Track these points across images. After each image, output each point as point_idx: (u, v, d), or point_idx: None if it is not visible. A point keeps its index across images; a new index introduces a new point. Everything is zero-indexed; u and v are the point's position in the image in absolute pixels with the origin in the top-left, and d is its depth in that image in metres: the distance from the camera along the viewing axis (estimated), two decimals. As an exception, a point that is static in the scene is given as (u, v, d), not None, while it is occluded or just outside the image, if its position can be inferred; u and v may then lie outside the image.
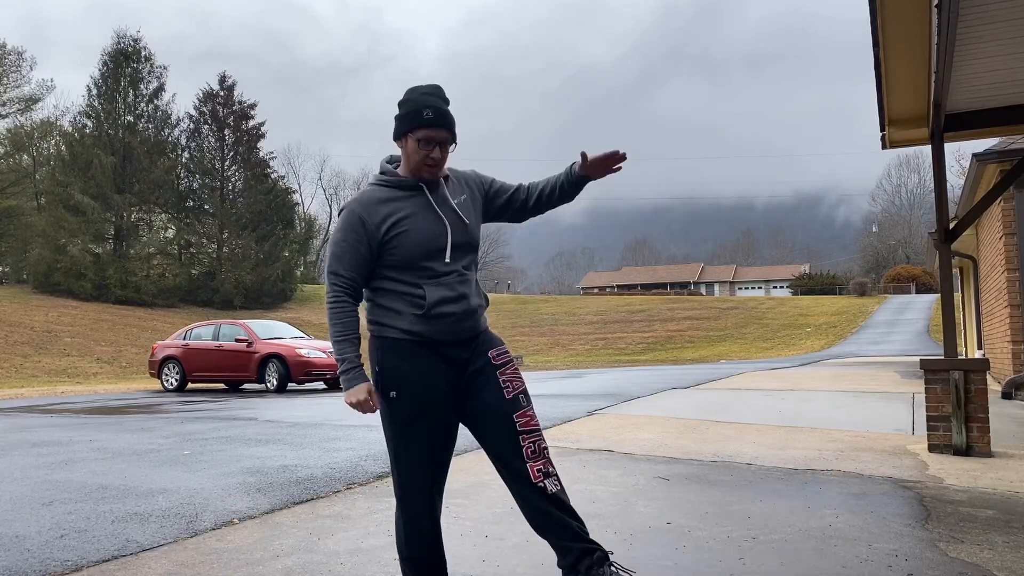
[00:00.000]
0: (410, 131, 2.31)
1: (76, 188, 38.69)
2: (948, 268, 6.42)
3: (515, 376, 2.39)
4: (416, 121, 2.29)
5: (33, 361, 23.77)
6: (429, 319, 2.29)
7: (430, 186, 2.37)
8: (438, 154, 2.32)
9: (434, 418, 2.31)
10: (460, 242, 2.36)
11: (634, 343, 39.75)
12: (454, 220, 2.36)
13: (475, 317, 2.38)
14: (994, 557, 3.08)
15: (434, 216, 2.33)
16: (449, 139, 2.34)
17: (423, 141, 2.30)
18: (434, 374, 2.31)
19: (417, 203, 2.34)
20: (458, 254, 2.35)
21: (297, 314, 40.99)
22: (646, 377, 14.99)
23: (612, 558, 2.32)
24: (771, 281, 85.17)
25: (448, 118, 2.33)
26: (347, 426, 7.74)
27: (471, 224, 2.41)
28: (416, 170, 2.34)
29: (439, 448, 2.34)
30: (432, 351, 2.32)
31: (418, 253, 2.29)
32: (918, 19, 4.49)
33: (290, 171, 76.28)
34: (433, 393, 2.30)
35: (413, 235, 2.29)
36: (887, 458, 5.41)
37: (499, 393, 2.33)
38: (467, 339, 2.38)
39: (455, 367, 2.36)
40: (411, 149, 2.33)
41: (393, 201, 2.33)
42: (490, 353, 2.39)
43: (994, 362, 11.80)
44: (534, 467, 2.28)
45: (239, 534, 3.62)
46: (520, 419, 2.32)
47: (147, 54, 43.74)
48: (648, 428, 7.11)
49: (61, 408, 11.13)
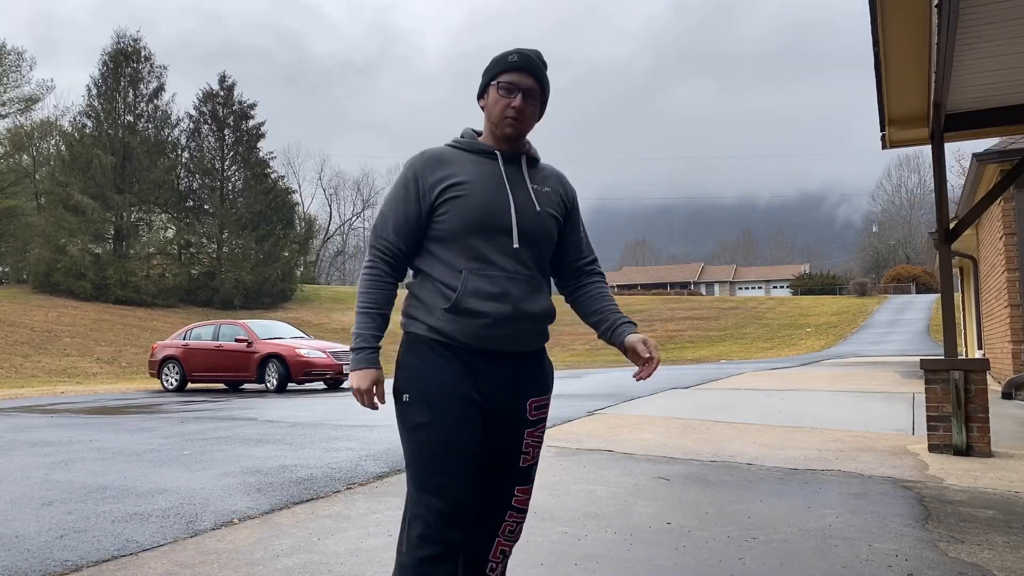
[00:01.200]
0: (492, 79, 1.98)
1: (76, 188, 38.66)
2: (948, 268, 6.42)
3: (539, 440, 2.05)
4: (500, 65, 1.97)
5: (33, 361, 23.77)
6: (457, 314, 1.89)
7: (507, 157, 1.99)
8: (520, 103, 1.94)
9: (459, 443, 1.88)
10: (526, 229, 1.94)
11: (634, 343, 39.70)
12: (524, 202, 1.96)
13: (520, 327, 1.93)
14: (994, 557, 3.08)
15: (500, 189, 1.94)
16: (536, 90, 1.97)
17: (505, 88, 1.95)
18: (457, 386, 1.89)
19: (485, 170, 1.96)
20: (525, 240, 1.94)
21: (297, 314, 40.98)
22: (646, 377, 14.96)
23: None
24: (771, 281, 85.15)
25: (540, 66, 1.99)
26: (347, 426, 7.73)
27: (543, 215, 1.98)
28: (496, 124, 1.98)
29: (466, 485, 1.89)
30: (459, 357, 1.91)
31: (469, 226, 1.90)
32: (918, 19, 4.49)
33: (290, 171, 76.22)
34: (458, 410, 1.88)
35: (467, 202, 1.90)
36: (887, 458, 5.41)
37: (515, 457, 2.00)
38: (505, 354, 1.94)
39: (487, 383, 1.92)
40: (491, 100, 1.98)
41: (458, 163, 1.96)
42: (530, 403, 1.99)
43: (994, 362, 11.80)
44: (500, 545, 2.03)
45: (239, 534, 3.62)
46: (520, 494, 2.03)
47: (147, 54, 43.72)
48: (648, 428, 7.11)
49: (61, 408, 11.13)
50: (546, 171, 2.09)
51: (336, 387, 15.16)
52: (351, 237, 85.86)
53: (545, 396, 2.04)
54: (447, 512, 1.84)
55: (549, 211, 2.00)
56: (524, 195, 1.97)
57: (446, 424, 1.87)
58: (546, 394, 2.05)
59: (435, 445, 1.87)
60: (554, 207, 2.02)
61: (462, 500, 1.86)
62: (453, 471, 1.86)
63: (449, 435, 1.87)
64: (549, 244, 2.02)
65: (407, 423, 1.92)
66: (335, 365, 14.63)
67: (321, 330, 35.81)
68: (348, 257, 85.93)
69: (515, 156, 2.01)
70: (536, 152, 2.08)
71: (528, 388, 1.99)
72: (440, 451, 1.86)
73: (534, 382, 2.00)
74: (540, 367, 2.04)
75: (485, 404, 1.92)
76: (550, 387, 2.07)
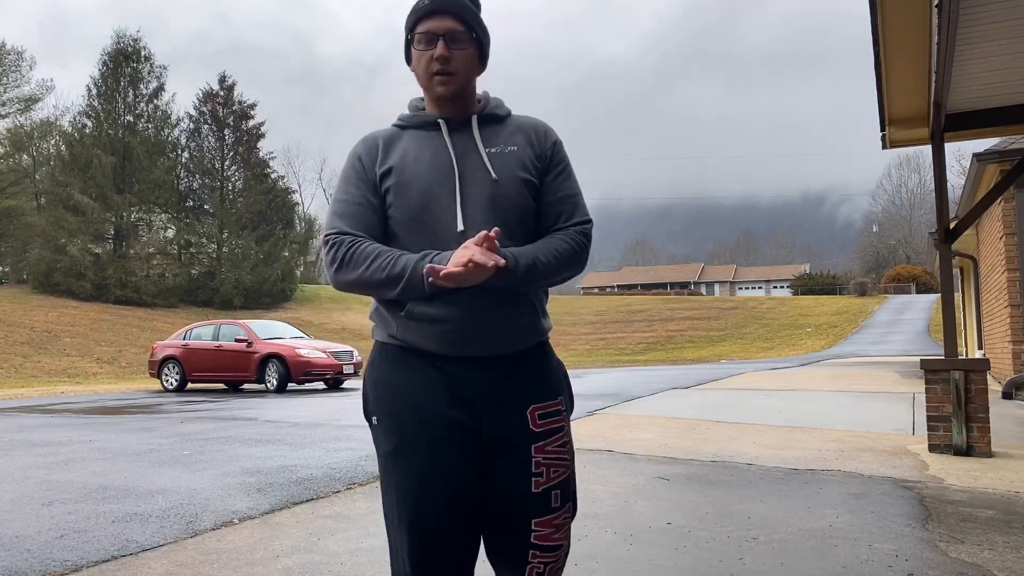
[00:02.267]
0: (410, 34, 1.65)
1: (76, 188, 38.67)
2: (948, 268, 6.42)
3: (557, 456, 1.61)
4: (413, 15, 1.64)
5: (33, 361, 23.77)
6: (414, 321, 1.57)
7: (453, 124, 1.66)
8: (443, 50, 1.59)
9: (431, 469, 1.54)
10: (477, 201, 1.58)
11: (634, 343, 39.75)
12: (474, 170, 1.61)
13: (495, 325, 1.57)
14: (994, 557, 3.08)
15: (443, 160, 1.61)
16: (459, 31, 1.60)
17: (423, 39, 1.62)
18: (431, 405, 1.56)
19: (428, 145, 1.64)
20: (477, 217, 1.57)
21: (297, 314, 40.98)
22: (646, 377, 14.99)
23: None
24: (771, 281, 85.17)
25: (452, 2, 1.61)
26: (347, 426, 7.74)
27: (504, 181, 1.61)
28: (427, 86, 1.65)
29: (441, 517, 1.53)
30: (431, 365, 1.58)
31: (414, 210, 1.59)
32: (918, 19, 4.50)
33: (290, 171, 76.18)
34: (427, 431, 1.55)
35: (407, 188, 1.60)
36: (887, 458, 5.41)
37: (523, 480, 1.57)
38: (487, 358, 1.58)
39: (469, 394, 1.57)
40: (415, 60, 1.65)
41: (397, 141, 1.66)
42: (531, 411, 1.59)
43: (994, 362, 11.80)
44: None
45: (239, 534, 3.62)
46: (540, 527, 1.58)
47: (147, 54, 43.73)
48: (648, 428, 7.11)
49: (61, 408, 11.13)
50: (512, 125, 1.70)
51: (336, 387, 15.16)
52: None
53: (551, 401, 1.63)
54: (416, 554, 1.53)
55: (513, 174, 1.62)
56: (475, 163, 1.61)
57: (418, 451, 1.54)
58: (553, 399, 1.64)
59: (405, 475, 1.54)
60: (522, 167, 1.63)
61: (435, 541, 1.53)
62: (424, 506, 1.52)
63: (422, 463, 1.53)
64: (520, 214, 1.62)
65: (378, 448, 1.63)
66: (335, 365, 14.63)
67: (321, 330, 35.81)
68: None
69: (464, 120, 1.66)
70: (498, 107, 1.72)
71: (526, 394, 1.60)
72: (410, 483, 1.54)
73: (532, 385, 1.62)
74: (538, 366, 1.65)
75: (472, 421, 1.56)
76: (559, 390, 1.66)
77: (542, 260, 1.56)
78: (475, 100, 1.70)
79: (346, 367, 14.86)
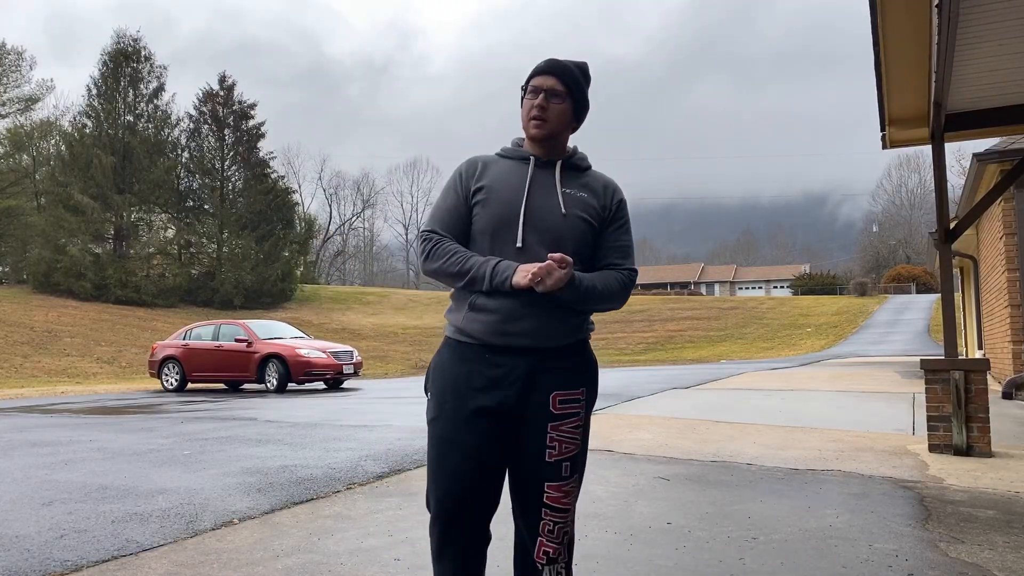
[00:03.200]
0: (524, 86, 2.07)
1: (76, 188, 38.68)
2: (948, 268, 6.42)
3: (570, 436, 1.98)
4: (531, 72, 2.07)
5: (33, 361, 23.77)
6: (476, 312, 1.96)
7: (541, 163, 2.05)
8: (543, 102, 2.00)
9: (463, 441, 1.95)
10: (542, 229, 1.96)
11: (634, 343, 39.76)
12: (546, 202, 1.99)
13: (537, 322, 1.93)
14: (994, 557, 3.08)
15: (522, 189, 2.00)
16: (559, 90, 2.01)
17: (531, 91, 2.04)
18: (466, 388, 1.96)
19: (515, 174, 2.03)
20: (535, 242, 1.95)
21: (297, 314, 40.98)
22: (646, 377, 14.99)
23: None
24: (771, 281, 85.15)
25: (562, 67, 2.04)
26: (347, 426, 7.74)
27: (570, 216, 1.98)
28: (525, 127, 2.06)
29: (468, 479, 1.95)
30: (479, 357, 1.97)
31: (489, 224, 1.98)
32: (918, 19, 4.50)
33: (290, 171, 76.15)
34: (466, 410, 1.95)
35: (491, 204, 1.99)
36: (887, 458, 5.41)
37: (539, 451, 1.96)
38: (528, 349, 1.95)
39: (507, 380, 1.95)
40: (524, 106, 2.06)
41: (494, 167, 2.06)
42: (553, 397, 1.96)
43: (994, 362, 11.80)
44: (543, 544, 1.97)
45: (239, 534, 3.62)
46: (551, 491, 1.96)
47: (147, 54, 43.75)
48: (648, 428, 7.11)
49: (61, 408, 11.13)
50: (590, 178, 2.10)
51: (336, 387, 15.16)
52: (351, 237, 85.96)
53: (573, 391, 1.98)
54: (443, 503, 1.97)
55: (578, 214, 2.00)
56: (549, 198, 2.00)
57: (448, 423, 1.97)
58: (574, 388, 1.99)
59: (439, 441, 1.98)
60: (587, 212, 2.02)
61: (457, 494, 1.95)
62: (451, 467, 1.95)
63: (452, 433, 1.96)
64: (576, 246, 1.99)
65: (428, 416, 2.05)
66: (335, 365, 14.63)
67: (321, 330, 35.81)
68: (348, 257, 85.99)
69: (549, 161, 2.06)
70: (581, 160, 2.11)
71: (552, 382, 1.96)
72: (443, 447, 1.97)
73: (559, 376, 1.97)
74: (570, 362, 2.00)
75: (503, 404, 1.94)
76: (583, 382, 2.01)
77: (598, 287, 1.97)
78: (564, 150, 2.09)
79: (346, 367, 14.86)
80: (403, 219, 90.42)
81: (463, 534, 1.98)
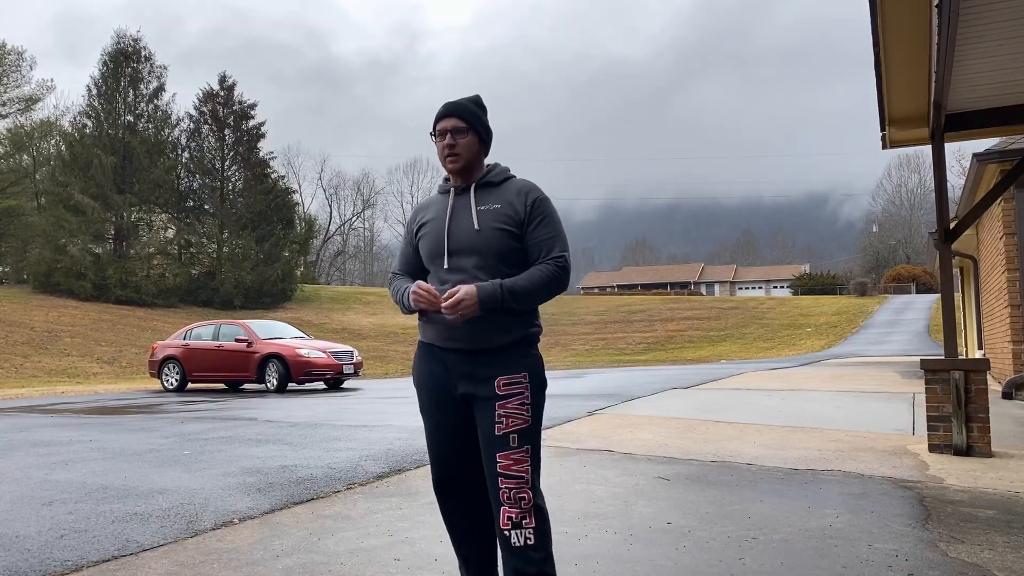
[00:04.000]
0: (433, 131, 2.42)
1: (76, 188, 38.64)
2: (948, 268, 6.42)
3: (516, 411, 2.26)
4: (434, 119, 2.41)
5: (33, 361, 23.77)
6: (427, 322, 2.39)
7: (459, 191, 2.40)
8: (451, 140, 2.35)
9: (437, 424, 2.41)
10: (462, 248, 2.30)
11: (634, 343, 39.75)
12: (462, 223, 2.33)
13: (473, 328, 2.25)
14: (994, 557, 3.09)
15: (444, 219, 2.37)
16: (461, 127, 2.35)
17: (438, 134, 2.39)
18: (435, 381, 2.38)
19: (443, 204, 2.42)
20: (461, 259, 2.30)
21: (297, 314, 40.98)
22: (646, 377, 14.99)
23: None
24: (771, 281, 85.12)
25: (459, 107, 2.37)
26: (347, 426, 7.74)
27: (484, 231, 2.30)
28: (443, 164, 2.40)
29: (445, 453, 2.41)
30: (433, 356, 2.39)
31: (427, 254, 2.40)
32: (918, 19, 4.49)
33: (290, 171, 76.09)
34: (433, 399, 2.39)
35: (426, 237, 2.40)
36: (887, 458, 5.41)
37: (491, 427, 2.26)
38: (469, 351, 2.30)
39: (459, 377, 2.32)
40: (437, 148, 2.41)
41: (431, 205, 2.47)
42: (498, 381, 2.26)
43: (994, 362, 11.80)
44: (505, 512, 2.22)
45: (239, 534, 3.62)
46: (502, 459, 2.23)
47: (147, 54, 43.72)
48: (648, 428, 7.11)
49: (61, 408, 11.13)
50: (503, 189, 2.38)
51: (336, 387, 15.16)
52: (351, 237, 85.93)
53: (515, 375, 2.28)
54: (436, 471, 2.44)
55: (494, 225, 2.30)
56: (465, 219, 2.33)
57: (424, 405, 2.44)
58: (516, 373, 2.28)
59: (425, 424, 2.46)
60: (502, 221, 2.31)
61: (444, 462, 2.41)
62: (435, 442, 2.42)
63: (430, 417, 2.42)
64: (497, 254, 2.29)
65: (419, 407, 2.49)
66: (335, 365, 14.63)
67: (321, 330, 35.81)
68: (348, 257, 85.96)
69: (466, 188, 2.39)
70: (498, 175, 2.41)
71: (496, 370, 2.28)
72: (428, 428, 2.44)
73: (502, 365, 2.28)
74: (512, 354, 2.30)
75: (461, 388, 2.32)
76: (524, 366, 2.30)
77: (521, 284, 2.25)
78: (479, 172, 2.42)
79: (346, 367, 14.86)
80: (403, 219, 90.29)
81: (452, 496, 2.43)
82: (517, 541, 2.20)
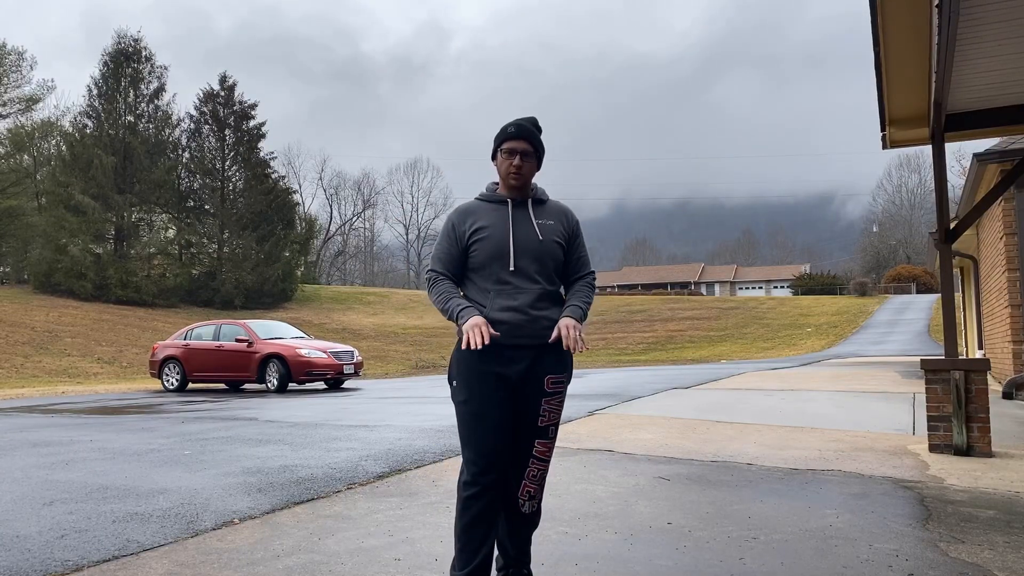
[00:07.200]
0: (498, 146, 2.69)
1: (77, 188, 38.65)
2: (949, 268, 6.41)
3: (556, 408, 2.66)
4: (502, 136, 2.68)
5: (34, 361, 23.78)
6: (489, 323, 2.55)
7: (516, 203, 2.68)
8: (519, 162, 2.62)
9: (480, 411, 2.57)
10: (527, 254, 2.61)
11: (635, 343, 39.74)
12: (527, 234, 2.63)
13: (535, 326, 2.58)
14: (995, 557, 3.09)
15: (506, 228, 2.63)
16: (530, 151, 2.65)
17: (506, 152, 2.65)
18: (486, 373, 2.57)
19: (499, 215, 2.67)
20: (524, 264, 2.60)
21: (297, 314, 40.98)
22: (647, 377, 14.98)
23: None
24: (772, 281, 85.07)
25: (530, 133, 2.66)
26: (347, 426, 7.74)
27: (546, 241, 2.64)
28: (504, 180, 2.68)
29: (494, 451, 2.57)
30: (488, 350, 2.53)
31: (486, 258, 2.61)
32: (918, 19, 4.49)
33: (290, 171, 76.08)
34: (485, 389, 2.57)
35: (486, 241, 2.62)
36: (888, 458, 5.41)
37: (535, 418, 2.62)
38: (526, 346, 2.58)
39: (512, 369, 2.57)
40: (499, 162, 2.69)
41: (480, 212, 2.69)
42: (547, 379, 2.61)
43: (995, 362, 11.79)
44: (527, 486, 2.67)
45: (239, 534, 3.62)
46: (540, 446, 2.66)
47: (147, 54, 43.77)
48: (648, 428, 7.11)
49: (62, 408, 11.13)
50: (551, 208, 2.75)
51: (336, 387, 15.16)
52: (352, 237, 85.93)
53: (561, 375, 2.65)
54: (479, 464, 2.55)
55: (553, 239, 2.67)
56: (529, 230, 2.65)
57: (477, 400, 2.57)
58: (562, 373, 2.65)
59: (470, 416, 2.58)
60: (557, 235, 2.69)
61: (489, 456, 2.55)
62: (482, 434, 2.56)
63: (479, 408, 2.57)
64: (554, 262, 2.67)
65: (455, 399, 2.65)
66: (335, 365, 14.63)
67: (322, 330, 35.81)
68: (349, 257, 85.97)
69: (522, 201, 2.70)
70: (542, 194, 2.77)
71: (547, 368, 2.61)
72: (474, 421, 2.58)
73: (552, 364, 2.62)
74: (558, 353, 2.62)
75: (512, 381, 2.57)
76: (567, 368, 2.67)
77: (587, 301, 2.73)
78: (531, 189, 2.74)
79: (347, 367, 14.86)
80: (403, 219, 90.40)
81: (493, 488, 2.56)
82: (527, 508, 2.68)
